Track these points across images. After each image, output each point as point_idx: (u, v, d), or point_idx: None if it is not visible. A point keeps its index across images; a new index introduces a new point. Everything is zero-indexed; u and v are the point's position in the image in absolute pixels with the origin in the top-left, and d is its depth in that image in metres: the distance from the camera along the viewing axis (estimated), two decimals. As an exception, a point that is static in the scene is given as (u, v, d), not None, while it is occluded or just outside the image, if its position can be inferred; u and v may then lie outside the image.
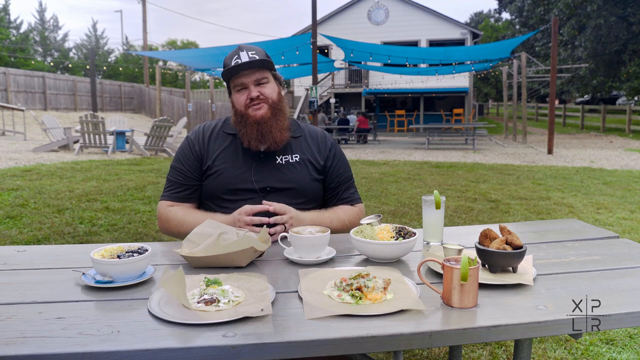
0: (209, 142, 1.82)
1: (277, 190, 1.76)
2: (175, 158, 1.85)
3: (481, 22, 52.10)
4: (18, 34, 39.73)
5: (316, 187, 1.82)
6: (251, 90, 1.74)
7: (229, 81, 1.78)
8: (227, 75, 1.75)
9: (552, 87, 12.24)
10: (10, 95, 19.51)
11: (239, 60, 1.71)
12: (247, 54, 1.73)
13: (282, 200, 1.71)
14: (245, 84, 1.75)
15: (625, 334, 2.62)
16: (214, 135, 1.84)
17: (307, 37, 13.36)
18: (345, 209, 1.86)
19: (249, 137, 1.75)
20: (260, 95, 1.75)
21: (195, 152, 1.81)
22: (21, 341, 0.93)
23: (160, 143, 11.73)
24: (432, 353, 2.46)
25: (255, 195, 1.74)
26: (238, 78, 1.75)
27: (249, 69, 1.73)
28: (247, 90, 1.75)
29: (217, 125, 1.88)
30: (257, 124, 1.74)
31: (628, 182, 7.65)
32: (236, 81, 1.75)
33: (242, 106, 1.76)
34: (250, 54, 1.73)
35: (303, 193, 1.79)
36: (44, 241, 4.27)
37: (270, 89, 1.77)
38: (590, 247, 1.54)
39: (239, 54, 1.73)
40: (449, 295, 1.09)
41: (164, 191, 1.84)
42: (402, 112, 25.28)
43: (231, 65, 1.72)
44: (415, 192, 6.77)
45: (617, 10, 21.67)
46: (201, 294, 1.11)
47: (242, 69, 1.72)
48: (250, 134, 1.74)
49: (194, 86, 46.28)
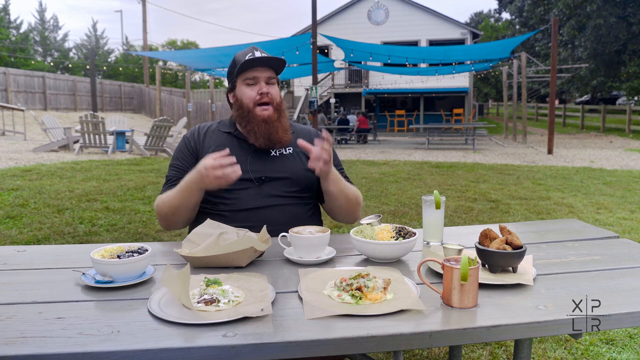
0: (204, 139, 1.88)
1: (272, 180, 1.79)
2: (173, 156, 1.92)
3: (481, 22, 52.10)
4: (18, 34, 39.72)
5: (310, 177, 1.84)
6: (262, 86, 1.80)
7: (237, 76, 1.83)
8: (239, 69, 1.79)
9: (552, 87, 12.24)
10: (10, 95, 19.51)
11: (253, 57, 1.78)
12: (261, 53, 1.81)
13: (277, 189, 1.77)
14: (258, 79, 1.80)
15: (625, 334, 2.62)
16: (209, 133, 1.90)
17: (307, 37, 13.36)
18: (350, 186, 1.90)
19: (256, 134, 1.79)
20: (269, 93, 1.81)
21: (191, 148, 1.87)
22: (21, 341, 0.93)
23: (160, 143, 11.73)
24: (432, 353, 2.46)
25: (250, 184, 1.77)
26: (251, 72, 1.80)
27: (264, 65, 1.80)
28: (257, 86, 1.81)
29: (213, 125, 1.94)
30: (265, 122, 1.79)
31: (628, 182, 7.65)
32: (248, 74, 1.81)
33: (250, 101, 1.81)
34: (263, 53, 1.82)
35: (297, 182, 1.82)
36: (44, 241, 4.27)
37: (276, 90, 1.85)
38: (590, 247, 1.54)
39: (253, 52, 1.80)
40: (449, 295, 1.09)
41: (162, 189, 1.87)
42: (402, 112, 25.28)
43: (245, 59, 1.77)
44: (415, 192, 6.77)
45: (617, 11, 21.67)
46: (201, 294, 1.11)
47: (257, 64, 1.79)
48: (258, 131, 1.79)
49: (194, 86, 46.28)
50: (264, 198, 1.76)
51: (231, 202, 1.76)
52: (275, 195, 1.77)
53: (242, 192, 1.76)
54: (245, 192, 1.75)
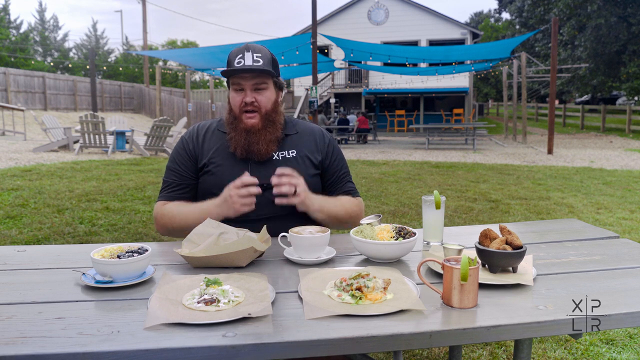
0: (204, 141, 1.81)
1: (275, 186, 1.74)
2: (170, 159, 1.84)
3: (481, 22, 52.09)
4: (18, 34, 39.70)
5: (314, 182, 1.81)
6: (247, 95, 1.72)
7: (228, 77, 1.77)
8: (224, 73, 1.74)
9: (552, 87, 12.24)
10: (10, 95, 19.51)
11: (242, 61, 1.70)
12: (252, 56, 1.70)
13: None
14: (243, 86, 1.73)
15: (625, 334, 2.62)
16: (208, 135, 1.83)
17: (307, 37, 13.36)
18: (348, 199, 1.87)
19: (236, 143, 1.74)
20: (255, 102, 1.72)
21: (190, 151, 1.80)
22: (21, 341, 0.93)
23: (160, 143, 11.73)
24: (432, 353, 2.46)
25: None
26: (236, 78, 1.73)
27: (249, 73, 1.71)
28: (243, 93, 1.73)
29: (212, 124, 1.87)
30: (247, 132, 1.73)
31: (628, 182, 7.65)
32: (234, 80, 1.74)
33: (236, 108, 1.75)
34: (255, 56, 1.71)
35: None
36: (44, 241, 4.27)
37: (266, 97, 1.74)
38: (590, 247, 1.54)
39: (244, 54, 1.71)
40: (449, 295, 1.09)
41: (159, 193, 1.83)
42: (402, 112, 25.27)
43: (234, 64, 1.71)
44: (415, 192, 6.77)
45: (618, 11, 21.66)
46: (201, 294, 1.11)
47: (240, 72, 1.70)
48: (237, 140, 1.73)
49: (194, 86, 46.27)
50: (267, 207, 1.70)
51: None
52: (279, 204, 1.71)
53: None
54: None
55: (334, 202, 1.79)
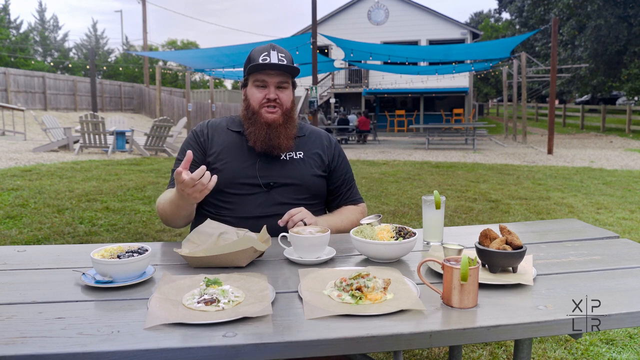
0: (214, 136, 1.83)
1: (281, 186, 1.75)
2: (180, 150, 1.86)
3: (481, 22, 52.09)
4: (18, 34, 39.72)
5: (320, 183, 1.83)
6: (270, 92, 1.75)
7: (249, 74, 1.78)
8: (250, 69, 1.75)
9: (552, 87, 12.24)
10: (10, 95, 19.51)
11: (267, 58, 1.72)
12: (277, 55, 1.74)
13: (286, 195, 1.74)
14: (267, 83, 1.75)
15: (625, 334, 2.62)
16: (218, 131, 1.85)
17: (307, 37, 13.35)
18: (351, 209, 1.90)
19: (255, 136, 1.75)
20: (278, 99, 1.76)
21: (200, 143, 1.82)
22: (21, 341, 0.93)
23: (160, 143, 11.73)
24: (432, 353, 2.46)
25: (259, 190, 1.73)
26: (261, 74, 1.75)
27: (275, 70, 1.74)
28: (266, 90, 1.76)
29: (222, 122, 1.89)
30: (268, 126, 1.74)
31: (628, 182, 7.65)
32: (258, 76, 1.76)
33: (257, 103, 1.76)
34: (280, 55, 1.75)
35: (307, 189, 1.79)
36: (44, 241, 4.27)
37: (287, 95, 1.79)
38: (590, 247, 1.54)
39: (269, 52, 1.74)
40: (449, 295, 1.09)
41: (167, 185, 1.85)
42: (402, 112, 25.29)
43: (259, 61, 1.72)
44: (415, 192, 6.77)
45: (618, 11, 21.66)
46: (201, 294, 1.11)
47: (268, 68, 1.73)
48: (258, 134, 1.75)
49: (194, 86, 46.28)
50: (272, 206, 1.71)
51: (237, 208, 1.72)
52: (283, 203, 1.73)
53: (250, 198, 1.71)
54: (253, 198, 1.71)
55: (340, 219, 1.83)
